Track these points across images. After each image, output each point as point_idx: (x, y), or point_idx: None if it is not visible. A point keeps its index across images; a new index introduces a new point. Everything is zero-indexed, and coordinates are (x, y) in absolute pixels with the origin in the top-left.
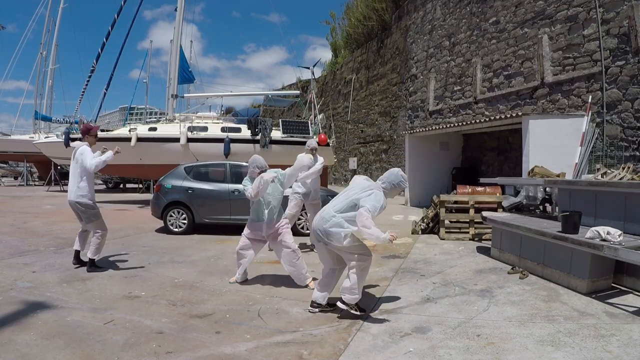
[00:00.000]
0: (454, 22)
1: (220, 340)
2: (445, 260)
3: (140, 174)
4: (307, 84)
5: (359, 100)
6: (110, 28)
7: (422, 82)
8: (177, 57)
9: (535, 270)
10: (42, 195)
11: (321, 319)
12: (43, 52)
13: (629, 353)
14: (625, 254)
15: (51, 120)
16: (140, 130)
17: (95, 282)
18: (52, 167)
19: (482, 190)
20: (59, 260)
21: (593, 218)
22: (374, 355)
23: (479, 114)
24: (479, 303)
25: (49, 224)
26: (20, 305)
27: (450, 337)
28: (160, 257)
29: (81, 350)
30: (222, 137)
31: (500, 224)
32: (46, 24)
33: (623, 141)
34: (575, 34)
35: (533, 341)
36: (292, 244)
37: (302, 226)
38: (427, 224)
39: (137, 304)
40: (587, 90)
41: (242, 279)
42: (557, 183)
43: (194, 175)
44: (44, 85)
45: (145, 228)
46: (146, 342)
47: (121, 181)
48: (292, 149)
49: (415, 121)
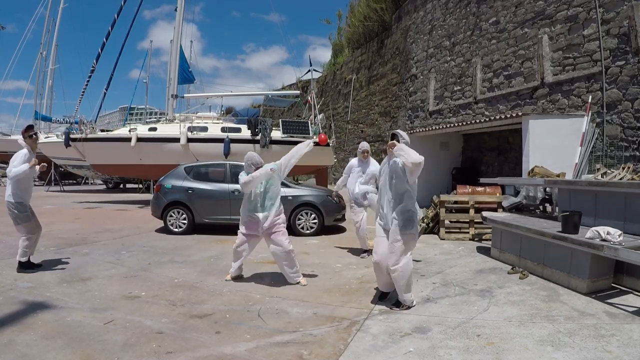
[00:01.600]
0: (454, 22)
1: (220, 340)
2: (445, 260)
3: (140, 174)
4: (307, 84)
5: (359, 100)
6: (110, 28)
7: (422, 82)
8: (177, 57)
9: (535, 270)
10: (42, 195)
11: (321, 319)
12: (43, 52)
13: (629, 353)
14: (625, 254)
15: (51, 120)
16: (140, 130)
17: (95, 282)
18: (52, 167)
19: (482, 190)
20: (59, 260)
21: (593, 218)
22: (374, 355)
23: (479, 114)
24: (479, 303)
25: (49, 224)
26: (20, 305)
27: (450, 337)
28: (160, 257)
29: (81, 350)
30: (222, 137)
31: (500, 224)
32: (46, 24)
33: (623, 141)
34: (575, 34)
35: (533, 341)
36: (286, 243)
37: (302, 226)
38: (427, 224)
39: (137, 304)
40: (587, 90)
41: (236, 274)
42: (557, 183)
43: (194, 176)
44: (44, 85)
45: (145, 228)
46: (146, 342)
47: (121, 181)
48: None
49: (415, 121)
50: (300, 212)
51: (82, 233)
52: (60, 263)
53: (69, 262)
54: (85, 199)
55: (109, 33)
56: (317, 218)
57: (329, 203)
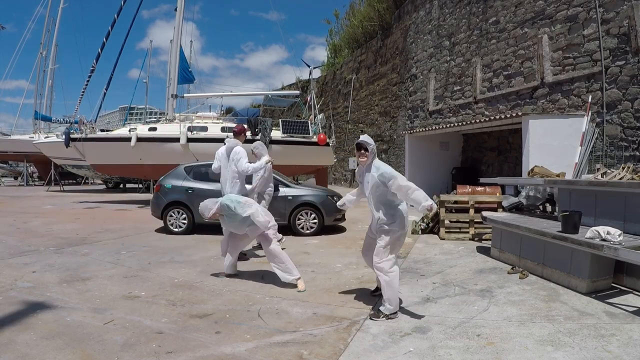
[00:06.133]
0: (454, 22)
1: (220, 340)
2: (445, 260)
3: (140, 174)
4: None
5: (359, 100)
6: (110, 28)
7: (422, 82)
8: (177, 57)
9: (535, 270)
10: (42, 195)
11: (321, 319)
12: (43, 52)
13: (629, 353)
14: (625, 254)
15: (51, 120)
16: (140, 130)
17: (95, 282)
18: (52, 167)
19: (482, 190)
20: (59, 260)
21: (593, 218)
22: (374, 355)
23: (479, 114)
24: (479, 303)
25: (49, 224)
26: (20, 305)
27: (450, 337)
28: (160, 257)
29: (81, 350)
30: (222, 137)
31: (500, 223)
32: (46, 24)
33: (623, 141)
34: (575, 34)
35: (533, 341)
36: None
37: (302, 226)
38: (427, 224)
39: (137, 304)
40: (587, 90)
41: (231, 271)
42: (557, 183)
43: (194, 175)
44: (43, 85)
45: (145, 228)
46: (146, 342)
47: (121, 181)
48: (292, 149)
49: (415, 121)
50: (300, 212)
51: (82, 233)
52: (60, 263)
53: (69, 262)
54: (85, 199)
55: (109, 33)
56: (317, 218)
57: (329, 203)
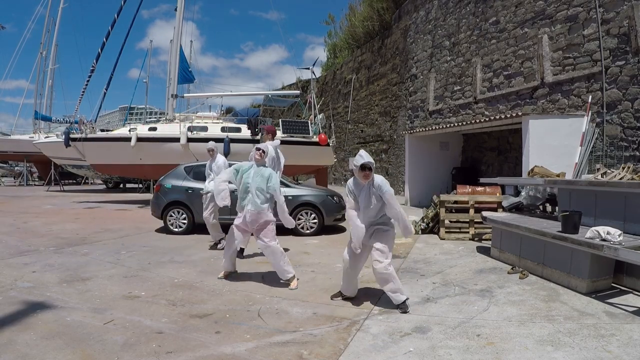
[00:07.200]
0: (454, 22)
1: (220, 340)
2: (445, 260)
3: (140, 174)
4: (307, 83)
5: (359, 100)
6: (110, 28)
7: (422, 82)
8: (177, 57)
9: (535, 270)
10: (42, 195)
11: (321, 319)
12: (43, 52)
13: (629, 353)
14: (625, 254)
15: (51, 120)
16: (140, 130)
17: (95, 282)
18: (52, 167)
19: (482, 190)
20: (59, 260)
21: (593, 218)
22: (374, 355)
23: (479, 114)
24: (479, 303)
25: (49, 224)
26: (20, 305)
27: (450, 337)
28: (160, 257)
29: (81, 350)
30: (222, 137)
31: (500, 224)
32: (46, 24)
33: (623, 141)
34: (575, 34)
35: (533, 341)
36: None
37: (302, 226)
38: (427, 224)
39: (137, 304)
40: (587, 90)
41: (230, 269)
42: (557, 183)
43: (194, 175)
44: (44, 85)
45: (145, 228)
46: (146, 342)
47: (121, 181)
48: (292, 149)
49: (415, 121)
50: (300, 212)
51: (82, 233)
52: (60, 263)
53: (69, 262)
54: (85, 199)
55: (109, 33)
56: (317, 218)
57: (329, 203)
